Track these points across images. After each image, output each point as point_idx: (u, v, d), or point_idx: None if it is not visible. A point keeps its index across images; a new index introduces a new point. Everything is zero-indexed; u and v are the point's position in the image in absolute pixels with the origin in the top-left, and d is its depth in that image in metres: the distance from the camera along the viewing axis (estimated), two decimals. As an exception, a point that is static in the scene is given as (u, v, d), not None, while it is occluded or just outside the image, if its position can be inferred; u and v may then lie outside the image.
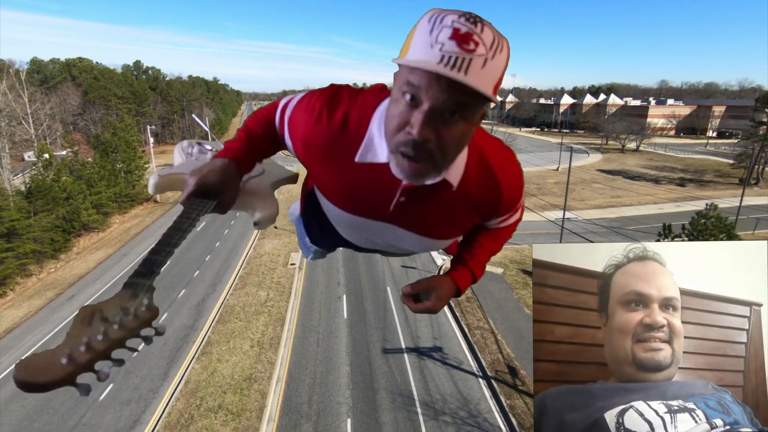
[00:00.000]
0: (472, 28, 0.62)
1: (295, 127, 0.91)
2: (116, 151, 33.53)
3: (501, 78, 0.67)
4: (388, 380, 12.46)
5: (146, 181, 17.02)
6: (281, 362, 13.41)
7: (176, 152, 1.35)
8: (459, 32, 0.61)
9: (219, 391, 12.09)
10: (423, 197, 0.84)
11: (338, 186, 0.90)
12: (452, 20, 0.62)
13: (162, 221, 29.60)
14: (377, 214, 0.90)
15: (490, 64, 0.63)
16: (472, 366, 12.98)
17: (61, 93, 53.15)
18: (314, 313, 16.42)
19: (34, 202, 23.26)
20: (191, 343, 14.45)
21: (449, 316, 15.95)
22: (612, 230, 25.90)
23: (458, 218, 0.92)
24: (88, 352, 0.50)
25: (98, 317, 0.54)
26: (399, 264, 20.33)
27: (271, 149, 1.02)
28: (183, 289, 18.32)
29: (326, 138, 0.84)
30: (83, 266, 22.46)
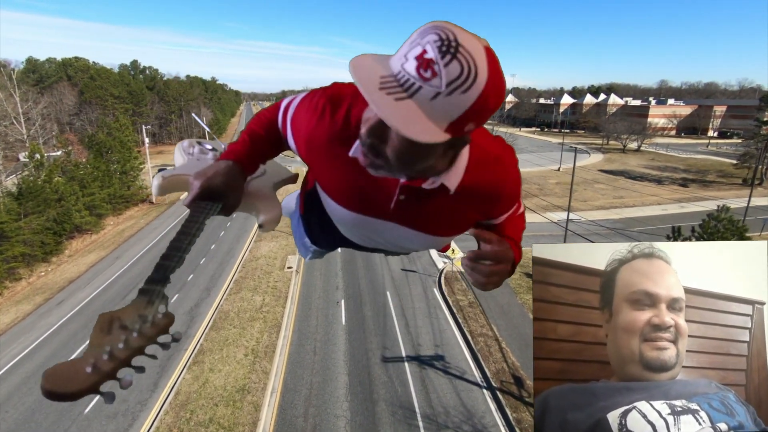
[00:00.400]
0: (438, 57, 0.57)
1: (297, 126, 0.91)
2: (111, 151, 32.89)
3: (464, 116, 0.61)
4: (388, 391, 11.91)
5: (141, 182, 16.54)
6: (276, 372, 12.84)
7: (177, 152, 1.32)
8: (424, 56, 0.58)
9: (210, 404, 11.52)
10: (423, 197, 0.84)
11: (340, 184, 0.90)
12: (429, 41, 0.59)
13: (157, 223, 29.03)
14: (379, 212, 0.90)
15: (443, 99, 0.59)
16: (476, 376, 12.43)
17: (56, 93, 52.53)
18: (311, 319, 15.86)
19: (24, 204, 22.65)
20: (183, 351, 13.87)
21: (451, 321, 15.40)
22: (616, 232, 25.37)
23: (459, 217, 0.92)
24: (111, 361, 0.51)
25: (117, 325, 0.55)
26: (399, 267, 19.78)
27: (273, 150, 1.02)
28: (176, 294, 17.72)
29: (329, 136, 0.85)
30: (74, 269, 21.88)
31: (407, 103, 0.59)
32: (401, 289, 18.00)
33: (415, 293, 17.62)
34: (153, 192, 1.07)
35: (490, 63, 0.60)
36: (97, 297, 18.22)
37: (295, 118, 0.92)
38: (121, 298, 17.93)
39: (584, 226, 25.92)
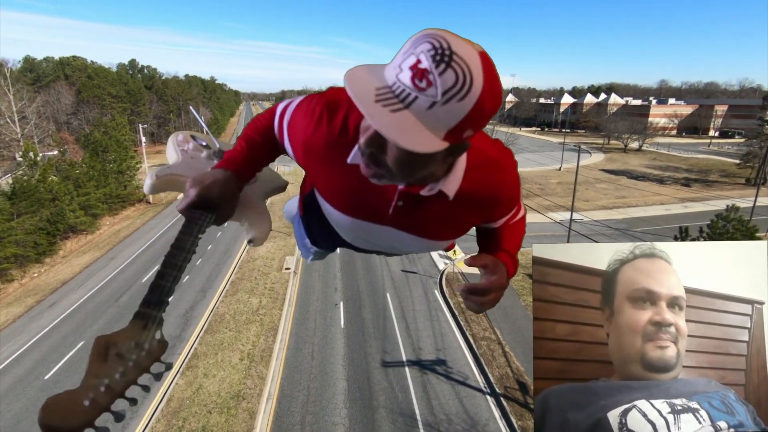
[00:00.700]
0: (432, 66, 0.57)
1: (294, 131, 0.91)
2: (107, 150, 32.43)
3: (462, 123, 0.60)
4: (388, 397, 11.49)
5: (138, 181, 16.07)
6: (272, 377, 12.42)
7: (170, 146, 1.24)
8: (418, 65, 0.58)
9: (204, 411, 11.10)
10: (421, 202, 0.84)
11: (338, 190, 0.90)
12: (422, 50, 0.58)
13: (153, 223, 28.60)
14: (377, 217, 0.90)
15: (440, 108, 0.58)
16: (479, 381, 12.02)
17: (53, 92, 52.07)
18: (309, 322, 15.44)
19: (17, 204, 22.21)
20: (176, 355, 13.44)
21: (452, 324, 14.99)
22: (621, 232, 24.97)
23: (458, 222, 0.92)
24: (108, 393, 0.52)
25: (113, 352, 0.55)
26: (399, 269, 19.37)
27: (270, 156, 1.02)
28: (171, 296, 17.28)
29: (327, 142, 0.84)
30: (68, 270, 21.44)
31: (404, 114, 0.59)
32: (401, 291, 17.58)
33: (415, 295, 17.21)
34: (145, 190, 1.05)
35: (485, 68, 0.59)
36: (90, 299, 17.79)
37: (291, 123, 0.91)
38: (115, 300, 17.51)
39: (588, 226, 25.50)
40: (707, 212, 28.13)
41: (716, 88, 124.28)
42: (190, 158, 1.20)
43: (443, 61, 0.57)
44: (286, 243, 23.17)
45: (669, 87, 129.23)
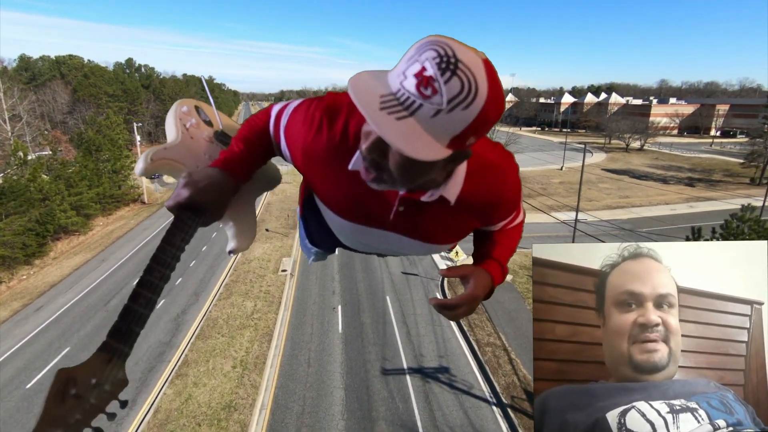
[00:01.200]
0: (437, 74, 0.57)
1: (292, 137, 0.89)
2: (100, 149, 31.76)
3: (466, 131, 0.60)
4: (388, 408, 10.86)
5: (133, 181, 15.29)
6: (266, 386, 11.78)
7: (171, 116, 1.15)
8: (423, 73, 0.58)
9: (192, 423, 10.45)
10: (422, 208, 0.84)
11: (339, 195, 0.90)
12: (427, 57, 0.58)
13: (147, 223, 27.94)
14: (378, 222, 0.90)
15: (445, 116, 0.58)
16: (484, 390, 11.39)
17: (49, 91, 51.37)
18: (306, 327, 14.80)
19: (5, 204, 21.54)
20: (166, 362, 12.81)
21: (456, 330, 14.36)
22: (627, 232, 24.36)
23: (459, 226, 0.92)
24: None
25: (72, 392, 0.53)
26: (399, 271, 18.75)
27: (266, 158, 1.01)
28: (163, 300, 16.65)
29: (327, 149, 0.83)
30: (57, 273, 20.78)
31: (408, 122, 0.59)
32: (402, 294, 16.95)
33: (416, 298, 16.58)
34: (136, 172, 1.03)
35: (489, 76, 0.59)
36: (78, 303, 17.13)
37: (289, 127, 0.89)
38: (104, 304, 16.86)
39: (594, 226, 24.88)
40: (713, 212, 27.61)
41: (716, 87, 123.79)
42: (189, 138, 1.13)
43: (449, 69, 0.56)
44: (283, 244, 22.55)
45: (669, 87, 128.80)
